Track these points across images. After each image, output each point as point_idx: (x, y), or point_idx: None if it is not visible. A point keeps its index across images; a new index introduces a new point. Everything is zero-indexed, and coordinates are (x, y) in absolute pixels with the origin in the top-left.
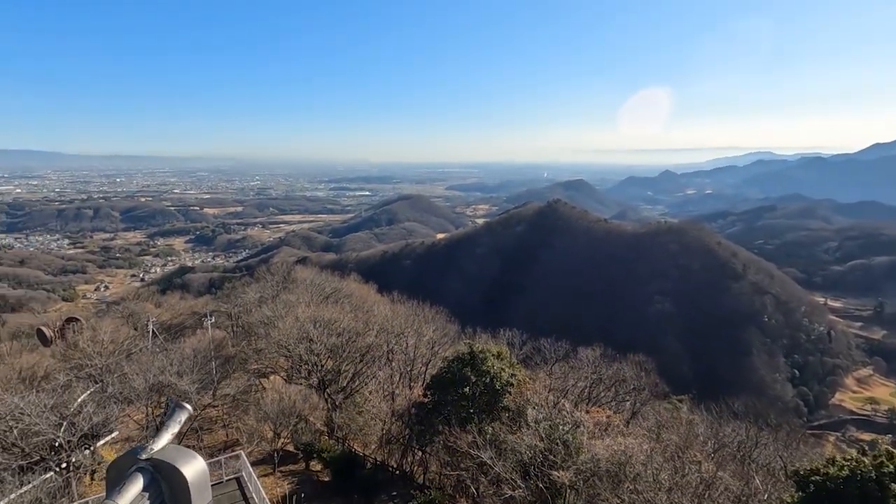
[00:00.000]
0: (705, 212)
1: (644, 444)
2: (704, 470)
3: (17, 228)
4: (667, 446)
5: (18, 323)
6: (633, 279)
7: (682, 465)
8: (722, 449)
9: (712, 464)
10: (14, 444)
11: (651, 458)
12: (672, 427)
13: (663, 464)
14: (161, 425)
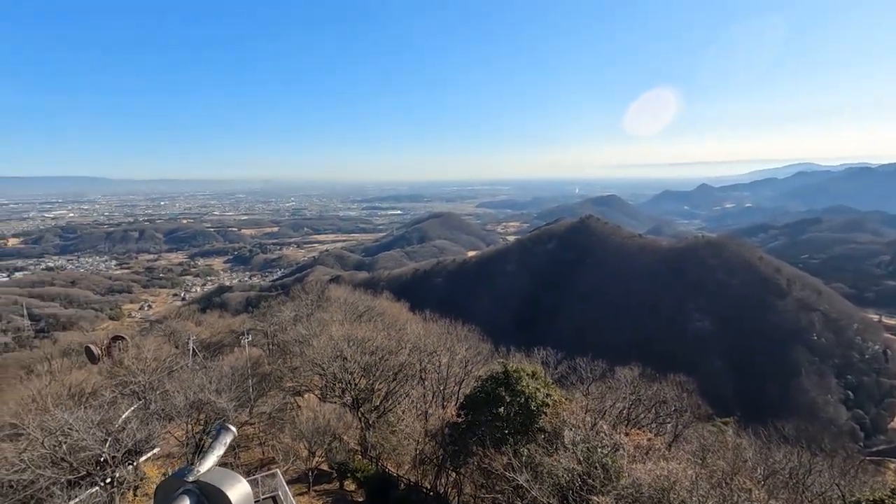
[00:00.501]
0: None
1: (688, 469)
2: (755, 498)
3: (70, 250)
4: (713, 472)
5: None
6: (670, 296)
7: (730, 492)
8: (773, 476)
9: (763, 492)
10: (63, 458)
11: (697, 484)
12: (718, 451)
13: (710, 490)
14: (206, 447)
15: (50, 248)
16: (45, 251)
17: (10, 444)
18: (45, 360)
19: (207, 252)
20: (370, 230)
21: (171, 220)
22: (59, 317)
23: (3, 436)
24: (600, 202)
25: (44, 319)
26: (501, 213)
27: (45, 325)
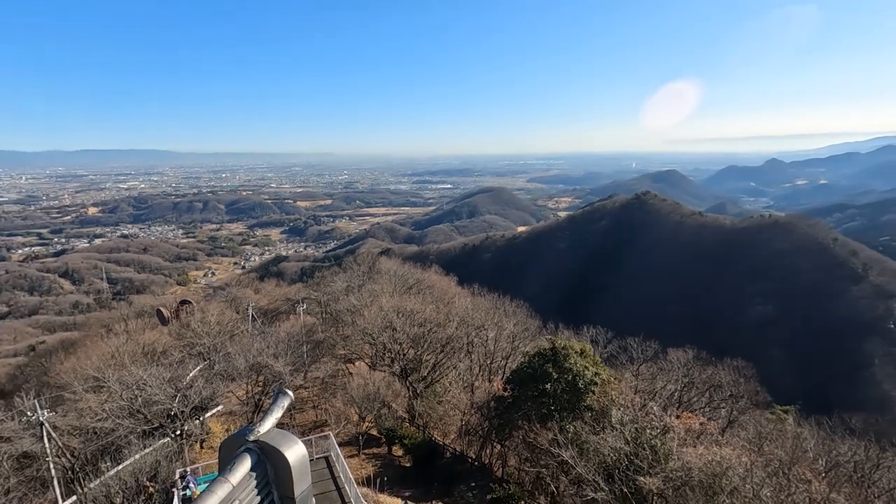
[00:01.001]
0: (818, 205)
1: (743, 456)
2: (815, 490)
3: (142, 219)
4: (770, 460)
5: (142, 303)
6: (731, 279)
7: (787, 482)
8: (836, 468)
9: (824, 484)
10: (139, 410)
11: (751, 471)
12: (776, 440)
13: (765, 479)
14: (266, 410)
15: (124, 216)
16: (121, 220)
17: (94, 395)
18: (122, 320)
19: (265, 223)
20: (420, 204)
21: (232, 191)
22: (133, 281)
23: (88, 388)
24: (658, 178)
25: (120, 283)
26: (553, 188)
27: (122, 288)
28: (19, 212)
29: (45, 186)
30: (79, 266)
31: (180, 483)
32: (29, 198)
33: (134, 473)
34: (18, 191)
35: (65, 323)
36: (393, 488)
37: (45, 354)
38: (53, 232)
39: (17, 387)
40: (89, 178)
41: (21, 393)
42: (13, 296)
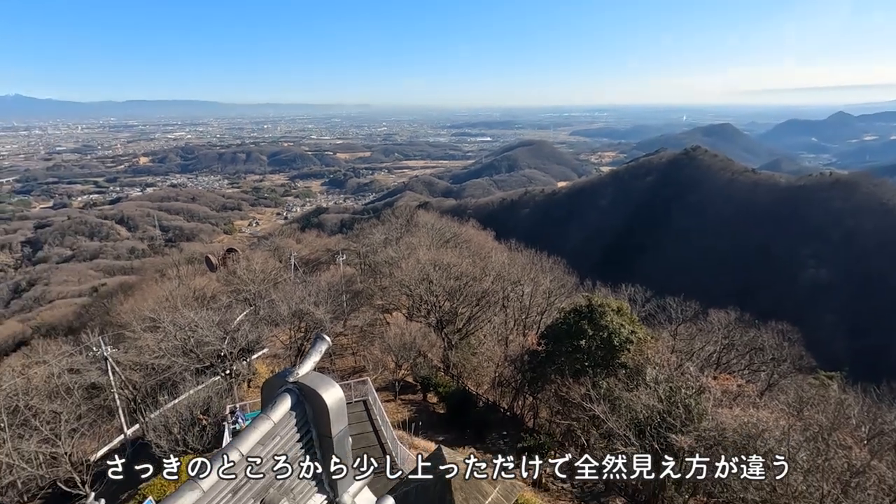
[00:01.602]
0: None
1: (781, 420)
2: (854, 456)
3: (189, 170)
4: (809, 425)
5: (192, 250)
6: (783, 240)
7: (826, 447)
8: (880, 436)
9: (865, 451)
10: (192, 350)
11: (788, 434)
12: (817, 405)
13: (803, 443)
14: (305, 353)
15: (173, 166)
16: (170, 169)
17: (151, 334)
18: (174, 266)
19: (306, 175)
20: (459, 157)
21: (274, 143)
22: (183, 229)
23: (145, 327)
24: (710, 132)
25: (171, 230)
26: (597, 141)
27: (173, 235)
28: (77, 160)
29: (99, 136)
30: (133, 214)
31: (230, 418)
32: (85, 147)
33: (189, 407)
34: (75, 140)
35: (123, 267)
36: (427, 433)
37: (107, 296)
38: (109, 180)
39: (83, 324)
40: (139, 128)
41: (87, 330)
42: (76, 240)
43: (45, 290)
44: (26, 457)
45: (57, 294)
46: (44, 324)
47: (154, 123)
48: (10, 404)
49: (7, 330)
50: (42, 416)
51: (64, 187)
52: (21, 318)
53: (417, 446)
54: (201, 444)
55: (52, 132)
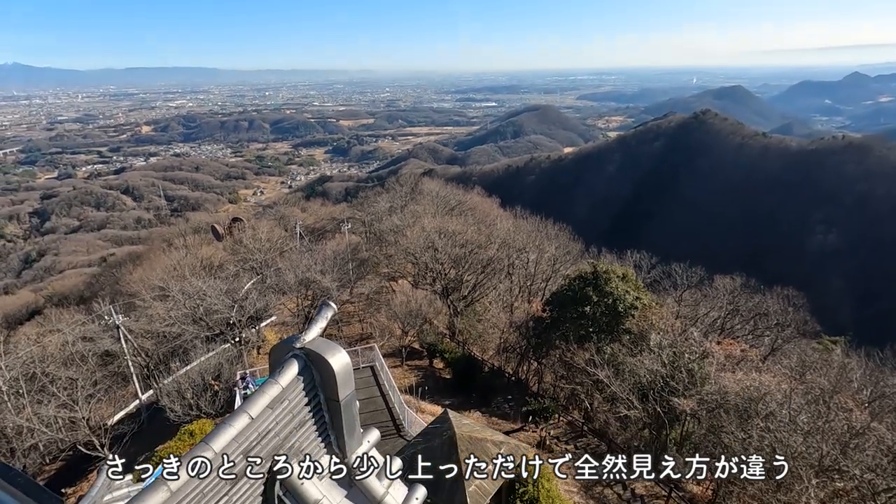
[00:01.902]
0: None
1: (783, 383)
2: (855, 418)
3: (192, 138)
4: (811, 388)
5: (198, 220)
6: (793, 205)
7: (826, 409)
8: (881, 399)
9: (866, 413)
10: (201, 318)
11: (790, 397)
12: (820, 369)
13: (804, 405)
14: (311, 319)
15: (175, 135)
16: (172, 138)
17: (161, 303)
18: (180, 235)
19: (309, 142)
20: (463, 123)
21: (276, 110)
22: (188, 198)
23: (155, 296)
24: (721, 95)
25: (176, 200)
26: (604, 106)
27: (178, 205)
28: (79, 130)
29: (100, 105)
30: (138, 183)
31: (241, 383)
32: (87, 116)
33: (200, 373)
34: (76, 109)
35: (130, 237)
36: (434, 397)
37: (116, 265)
38: (112, 150)
39: (93, 293)
40: (139, 96)
41: (98, 299)
42: (82, 211)
43: (55, 260)
44: (46, 421)
45: (67, 264)
46: (56, 293)
47: (154, 91)
48: (28, 371)
49: (20, 300)
50: (59, 382)
51: (68, 157)
52: (33, 288)
53: (425, 410)
54: (214, 408)
55: (53, 101)
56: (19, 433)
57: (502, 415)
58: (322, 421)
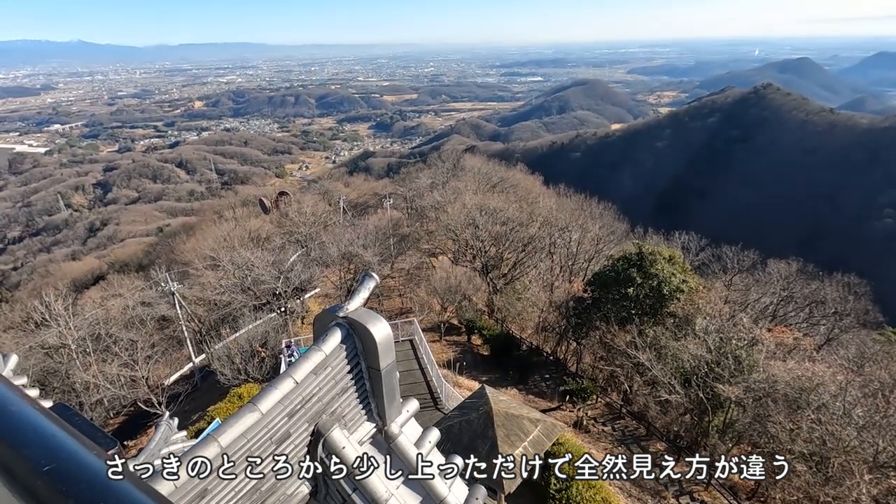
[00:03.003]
0: None
1: (838, 375)
2: None
3: (241, 113)
4: (869, 381)
5: (246, 193)
6: (860, 187)
7: (886, 404)
8: None
9: None
10: (249, 288)
11: (845, 389)
12: (880, 362)
13: (860, 399)
14: (354, 290)
15: (226, 110)
16: (222, 113)
17: (212, 272)
18: (230, 208)
19: (353, 118)
20: (508, 98)
21: (321, 85)
22: (237, 172)
23: (206, 266)
24: (785, 67)
25: (226, 174)
26: (656, 80)
27: (228, 178)
28: (137, 105)
29: (156, 81)
30: (191, 157)
31: (286, 351)
32: (144, 92)
33: (248, 340)
34: (134, 85)
35: (184, 209)
36: (471, 372)
37: (171, 235)
38: (167, 125)
39: (151, 261)
40: (192, 72)
41: (155, 267)
42: (140, 183)
43: (117, 229)
44: (110, 378)
45: (127, 233)
46: (117, 260)
47: (206, 67)
48: (94, 332)
49: (86, 266)
50: (121, 343)
51: (127, 131)
52: (98, 255)
53: (462, 385)
54: (261, 374)
55: (113, 77)
56: (87, 388)
57: (539, 393)
58: (363, 389)
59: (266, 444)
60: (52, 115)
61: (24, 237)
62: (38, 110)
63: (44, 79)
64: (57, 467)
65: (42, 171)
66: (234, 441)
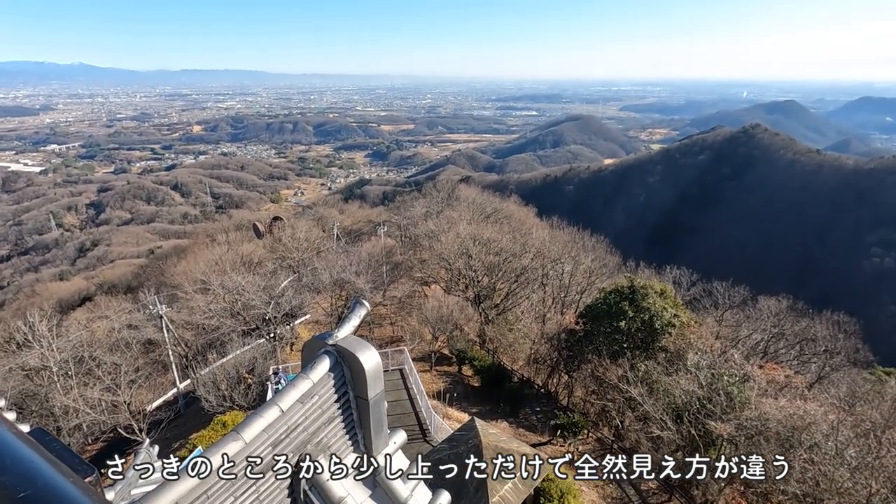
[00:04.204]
0: None
1: (830, 414)
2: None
3: (239, 138)
4: (861, 420)
5: (240, 217)
6: (847, 226)
7: (878, 444)
8: None
9: None
10: (238, 313)
11: (837, 429)
12: (871, 401)
13: (853, 439)
14: (344, 317)
15: (224, 135)
16: (220, 138)
17: (202, 296)
18: (223, 232)
19: (350, 146)
20: (503, 131)
21: (319, 113)
22: (232, 196)
23: (196, 289)
24: (773, 109)
25: (221, 197)
26: (647, 117)
27: (223, 202)
28: (136, 128)
29: (155, 104)
30: (186, 180)
31: (273, 378)
32: (143, 115)
33: (235, 366)
34: (134, 108)
35: (176, 231)
36: (461, 404)
37: (162, 258)
38: (164, 148)
39: (140, 283)
40: (192, 97)
41: (144, 289)
42: (134, 204)
43: (107, 250)
44: (90, 403)
45: (117, 254)
46: (106, 282)
47: (206, 92)
48: (77, 354)
49: (74, 286)
50: (104, 366)
51: (124, 153)
52: (86, 276)
53: (451, 416)
54: (246, 401)
55: (114, 100)
56: (66, 413)
57: (530, 427)
58: (350, 418)
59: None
60: (50, 135)
61: (12, 256)
62: (36, 130)
63: (44, 99)
64: (33, 494)
65: (35, 190)
66: (214, 471)
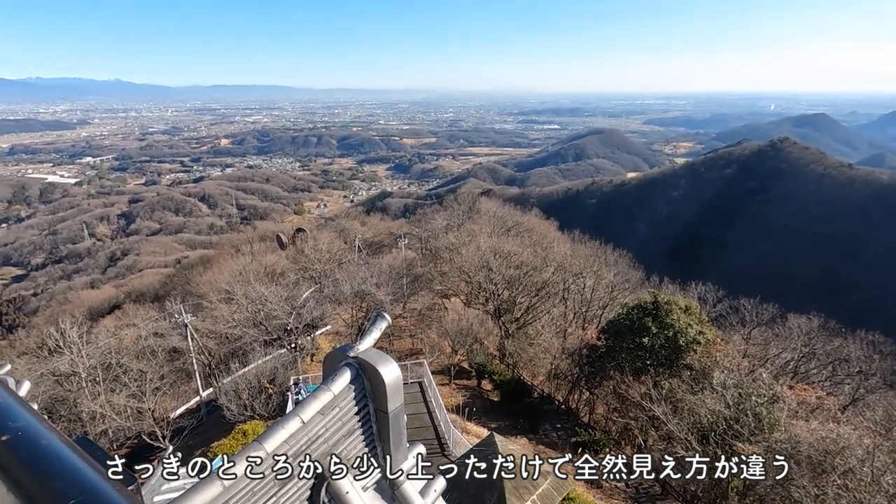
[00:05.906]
0: None
1: (865, 438)
2: None
3: (264, 151)
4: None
5: (264, 229)
6: (881, 242)
7: None
8: None
9: None
10: (261, 322)
11: (873, 454)
12: None
13: (890, 465)
14: (365, 330)
15: (250, 148)
16: (247, 151)
17: (226, 305)
18: (248, 243)
19: (372, 159)
20: (525, 145)
21: (343, 127)
22: (257, 208)
23: (221, 299)
24: (802, 122)
25: (246, 209)
26: (672, 131)
27: (248, 213)
28: (166, 141)
29: (186, 119)
30: (213, 192)
31: (293, 388)
32: (174, 129)
33: (257, 375)
34: (165, 122)
35: (203, 242)
36: (480, 419)
37: (188, 267)
38: (193, 160)
39: (167, 292)
40: (221, 111)
41: (170, 298)
42: (163, 215)
43: (136, 259)
44: (117, 409)
45: (146, 264)
46: (134, 290)
47: (235, 107)
48: (105, 361)
49: (104, 294)
50: (130, 373)
51: (155, 166)
52: (115, 284)
53: (470, 431)
54: (267, 410)
55: (146, 114)
56: (93, 418)
57: (550, 443)
58: (370, 431)
59: (270, 485)
60: (86, 148)
61: (46, 264)
62: (73, 143)
63: (81, 114)
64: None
65: (70, 200)
66: (237, 480)
